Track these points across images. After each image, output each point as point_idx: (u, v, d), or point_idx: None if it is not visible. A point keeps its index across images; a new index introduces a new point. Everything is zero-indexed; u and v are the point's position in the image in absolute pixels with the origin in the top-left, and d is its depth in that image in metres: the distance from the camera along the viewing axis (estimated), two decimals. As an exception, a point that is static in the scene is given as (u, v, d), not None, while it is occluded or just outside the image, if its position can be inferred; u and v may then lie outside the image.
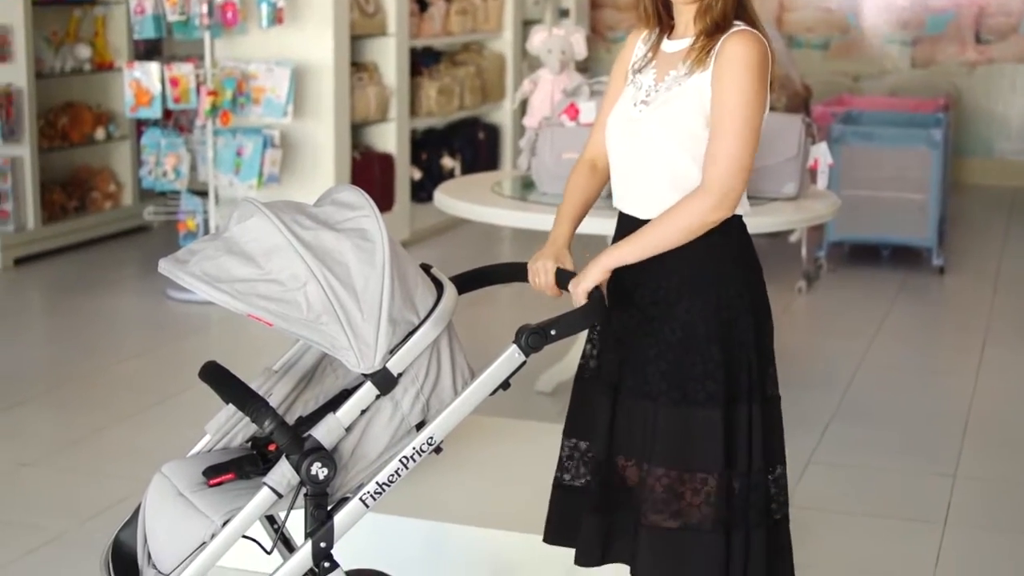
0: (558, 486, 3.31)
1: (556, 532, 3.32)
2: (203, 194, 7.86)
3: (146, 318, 7.42)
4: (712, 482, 3.06)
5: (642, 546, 3.11)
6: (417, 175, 9.44)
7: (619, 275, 3.13)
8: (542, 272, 3.19)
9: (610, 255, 3.08)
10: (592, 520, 3.19)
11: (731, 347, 3.08)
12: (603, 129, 3.25)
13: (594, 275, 3.06)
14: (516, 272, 3.27)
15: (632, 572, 3.16)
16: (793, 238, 8.67)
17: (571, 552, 3.32)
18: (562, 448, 3.30)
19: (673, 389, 3.07)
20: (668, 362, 3.08)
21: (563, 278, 3.16)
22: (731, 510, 3.10)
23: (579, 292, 3.05)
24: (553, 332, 2.96)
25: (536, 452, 4.42)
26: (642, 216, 3.13)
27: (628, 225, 3.17)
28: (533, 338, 2.95)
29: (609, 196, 3.25)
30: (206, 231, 7.78)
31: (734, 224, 3.12)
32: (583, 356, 3.29)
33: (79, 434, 5.46)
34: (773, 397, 3.20)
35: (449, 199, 5.62)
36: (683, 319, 3.08)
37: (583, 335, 3.29)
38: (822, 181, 5.68)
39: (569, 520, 3.27)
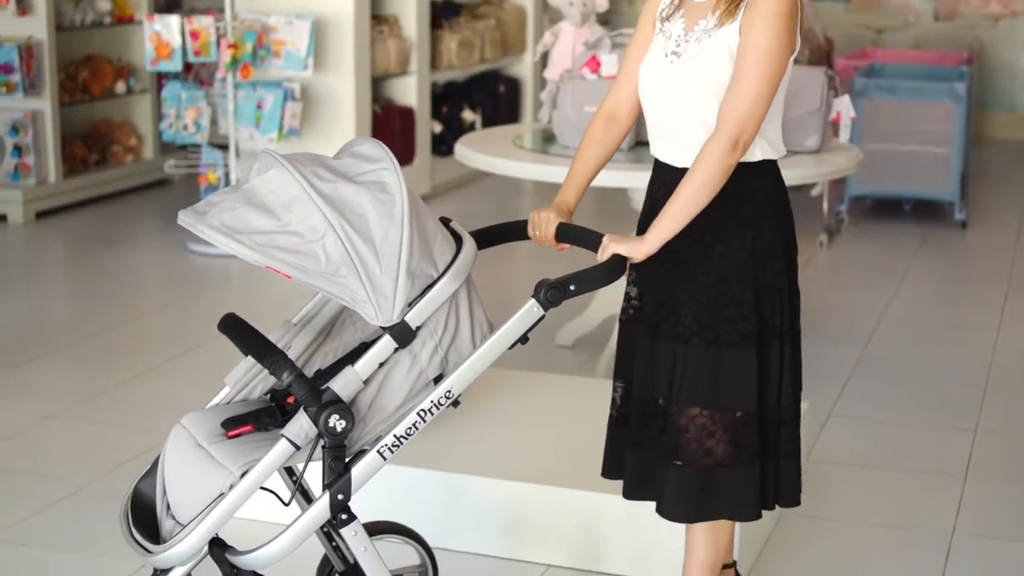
0: (609, 424, 3.38)
1: (609, 465, 3.40)
2: (224, 147, 7.86)
3: (167, 271, 7.44)
4: (744, 420, 3.12)
5: (670, 485, 3.18)
6: (437, 128, 9.42)
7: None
8: (543, 223, 3.20)
9: (653, 236, 3.04)
10: (632, 455, 3.27)
11: (764, 289, 3.13)
12: (628, 77, 3.27)
13: (626, 246, 3.03)
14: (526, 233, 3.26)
15: (657, 510, 3.22)
16: (815, 192, 8.63)
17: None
18: (613, 388, 3.36)
19: (706, 330, 3.11)
20: (701, 304, 3.12)
21: (567, 234, 3.17)
22: (763, 445, 3.18)
23: (605, 254, 3.04)
24: (572, 287, 2.97)
25: (556, 404, 4.44)
26: (677, 164, 3.15)
27: (664, 173, 3.21)
28: (552, 293, 2.95)
29: (631, 148, 3.26)
30: (227, 184, 7.78)
31: (768, 168, 3.16)
32: (626, 298, 3.33)
33: (101, 387, 5.49)
34: (799, 335, 3.26)
35: (470, 152, 5.61)
36: (717, 262, 3.11)
37: (606, 288, 3.28)
38: (844, 134, 5.65)
39: (620, 455, 3.36)
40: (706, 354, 3.12)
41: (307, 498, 3.10)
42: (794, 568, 4.01)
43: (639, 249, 3.04)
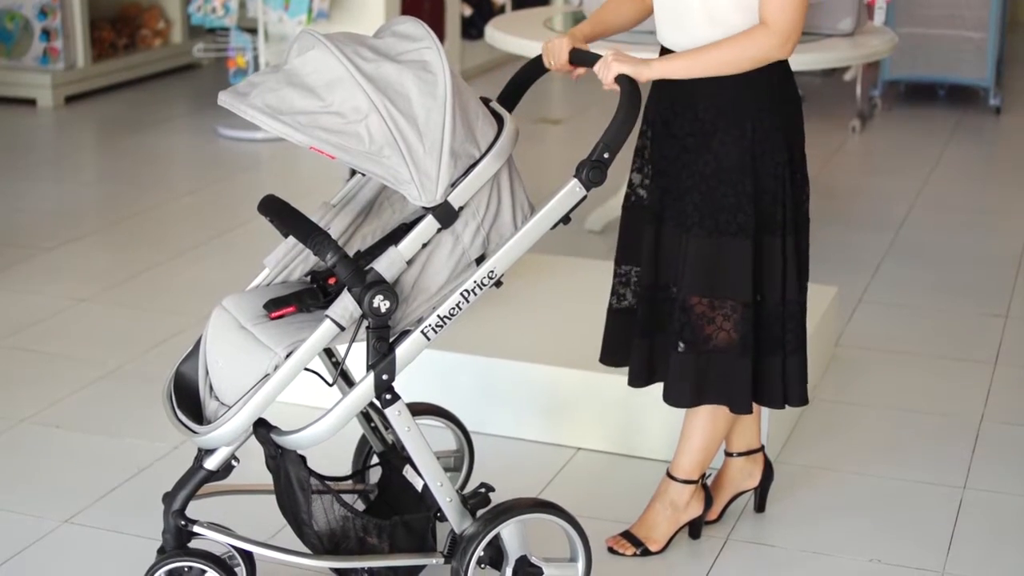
0: (610, 310, 3.43)
1: (608, 352, 3.47)
2: (252, 31, 7.82)
3: (197, 155, 7.44)
4: (741, 309, 3.16)
5: (671, 370, 3.25)
6: (467, 11, 9.34)
7: (659, 105, 3.19)
8: (556, 50, 3.20)
9: (661, 64, 3.04)
10: (639, 344, 3.33)
11: (764, 180, 3.15)
12: None
13: (630, 66, 3.02)
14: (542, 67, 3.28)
15: (663, 396, 3.29)
16: (848, 76, 8.56)
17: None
18: (614, 276, 3.41)
19: (706, 219, 3.15)
20: (701, 193, 3.16)
21: (579, 57, 3.17)
22: (764, 337, 3.23)
23: (609, 73, 3.02)
24: (606, 155, 2.94)
25: (586, 288, 4.45)
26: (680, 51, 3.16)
27: None
28: (594, 172, 2.93)
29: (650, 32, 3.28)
30: (256, 68, 7.76)
31: None
32: (629, 186, 3.37)
33: (134, 270, 5.51)
34: (805, 222, 3.27)
35: (500, 34, 5.56)
36: (717, 151, 3.14)
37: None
38: (879, 17, 5.59)
39: (620, 341, 3.42)
40: (705, 243, 3.16)
41: (348, 381, 3.13)
42: (822, 453, 4.03)
43: (643, 72, 3.03)
